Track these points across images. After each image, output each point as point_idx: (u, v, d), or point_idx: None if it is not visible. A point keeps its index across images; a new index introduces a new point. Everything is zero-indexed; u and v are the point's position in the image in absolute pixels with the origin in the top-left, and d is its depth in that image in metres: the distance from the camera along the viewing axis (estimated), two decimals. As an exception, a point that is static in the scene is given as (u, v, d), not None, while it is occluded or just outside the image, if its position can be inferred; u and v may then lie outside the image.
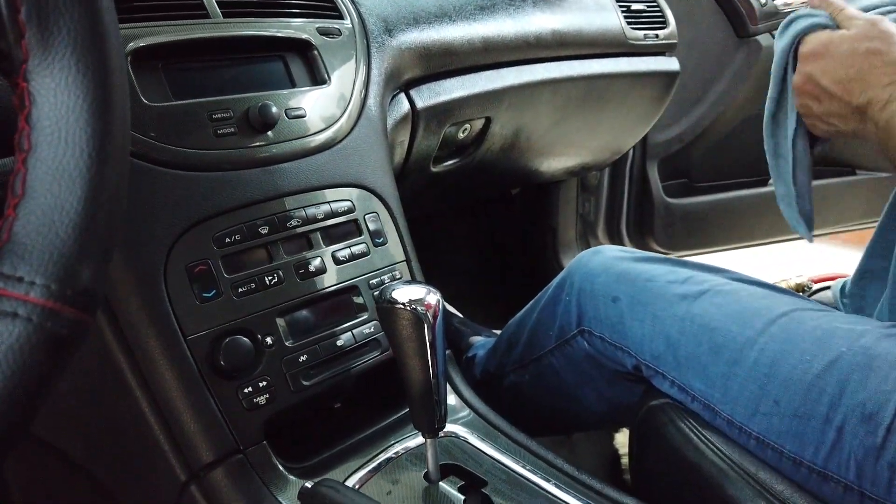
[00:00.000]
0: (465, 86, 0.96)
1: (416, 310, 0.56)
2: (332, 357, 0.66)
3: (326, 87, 0.72)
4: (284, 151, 0.67)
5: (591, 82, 1.16)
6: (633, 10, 1.23)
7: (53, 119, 0.27)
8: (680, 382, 0.65)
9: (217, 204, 0.61)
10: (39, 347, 0.26)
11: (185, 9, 0.65)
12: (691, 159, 1.74)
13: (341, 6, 0.78)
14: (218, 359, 0.58)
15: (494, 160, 1.17)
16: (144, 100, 0.60)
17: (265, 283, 0.63)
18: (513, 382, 0.86)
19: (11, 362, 0.25)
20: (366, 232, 0.72)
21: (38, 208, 0.27)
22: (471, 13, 0.96)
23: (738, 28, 1.59)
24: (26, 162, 0.27)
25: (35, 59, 0.28)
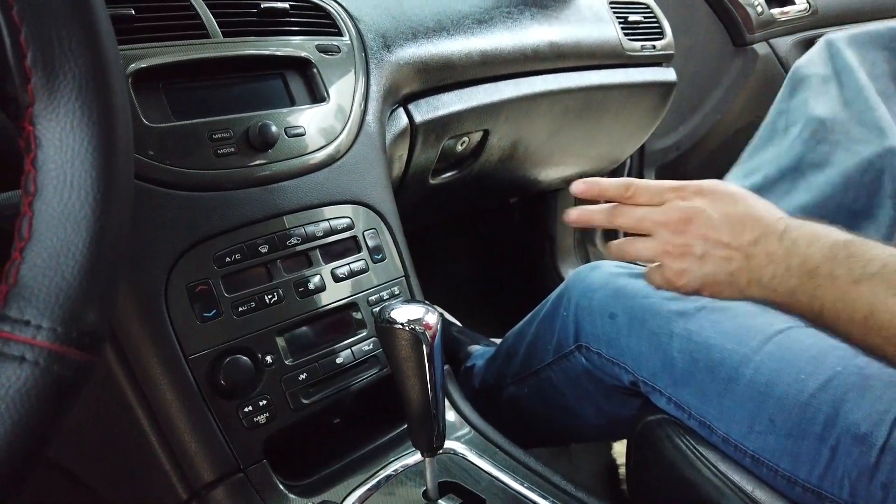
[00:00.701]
0: (463, 99, 0.96)
1: (414, 330, 0.57)
2: (332, 375, 0.66)
3: (326, 104, 0.73)
4: (284, 170, 0.67)
5: (589, 93, 1.17)
6: (630, 21, 1.24)
7: (59, 162, 0.28)
8: (676, 399, 0.66)
9: (217, 224, 0.62)
10: (46, 391, 0.26)
11: (186, 29, 0.65)
12: (689, 167, 1.74)
13: (340, 23, 0.79)
14: (218, 378, 0.59)
15: (493, 171, 1.17)
16: (145, 120, 0.60)
17: (265, 302, 0.63)
18: (512, 395, 0.87)
19: (19, 406, 0.26)
20: (365, 248, 0.72)
21: (44, 251, 0.27)
22: (469, 27, 0.96)
23: (735, 37, 1.61)
24: (32, 205, 0.28)
25: (41, 103, 0.28)
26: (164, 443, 0.58)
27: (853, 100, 0.69)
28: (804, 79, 0.74)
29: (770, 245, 0.54)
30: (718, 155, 1.75)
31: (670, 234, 0.59)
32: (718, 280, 0.57)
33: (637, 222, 0.61)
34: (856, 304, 0.48)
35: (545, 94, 1.09)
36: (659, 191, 0.61)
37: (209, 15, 0.67)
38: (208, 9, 0.67)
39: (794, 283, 0.52)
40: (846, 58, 0.73)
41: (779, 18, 1.62)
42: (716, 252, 0.57)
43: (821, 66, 0.75)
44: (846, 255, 0.50)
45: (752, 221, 0.56)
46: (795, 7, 1.64)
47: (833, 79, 0.73)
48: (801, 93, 0.73)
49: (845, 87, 0.71)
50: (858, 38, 0.76)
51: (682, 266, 0.58)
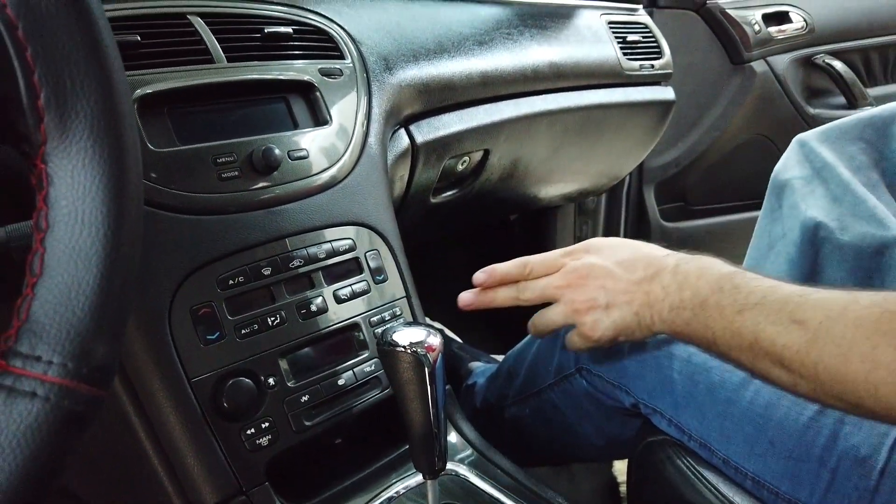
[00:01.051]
0: (463, 120, 0.97)
1: (416, 352, 0.57)
2: (334, 396, 0.66)
3: (328, 127, 0.74)
4: (287, 192, 0.68)
5: (588, 113, 1.18)
6: (629, 41, 1.25)
7: (70, 199, 0.28)
8: (677, 421, 0.66)
9: (221, 247, 0.62)
10: (57, 426, 0.27)
11: (190, 54, 0.66)
12: (687, 183, 1.75)
13: (342, 47, 0.80)
14: (221, 401, 0.59)
15: (493, 189, 1.18)
16: (150, 145, 0.61)
17: (268, 324, 0.64)
18: (513, 415, 0.87)
19: (30, 441, 0.26)
20: (367, 269, 0.73)
21: (55, 287, 0.28)
22: (469, 49, 0.97)
23: (733, 55, 1.62)
24: (44, 242, 0.28)
25: (53, 141, 0.29)
26: (166, 465, 0.59)
27: (842, 196, 0.70)
28: (786, 184, 0.76)
29: (664, 279, 0.59)
30: (717, 171, 1.76)
31: (574, 294, 0.64)
32: (627, 322, 0.61)
33: (542, 292, 0.67)
34: (741, 332, 0.52)
35: (545, 114, 1.10)
36: (553, 259, 0.67)
37: (213, 40, 0.68)
38: (213, 34, 0.68)
39: (688, 314, 0.56)
40: (823, 155, 0.75)
41: (776, 37, 1.63)
42: (618, 298, 0.61)
43: (799, 169, 0.76)
44: (731, 287, 0.54)
45: (642, 261, 0.61)
46: (792, 25, 1.66)
47: (815, 178, 0.74)
48: (788, 198, 0.74)
49: (830, 185, 0.72)
50: (830, 133, 0.77)
51: (592, 319, 0.63)
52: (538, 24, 1.11)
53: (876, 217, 0.67)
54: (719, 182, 1.77)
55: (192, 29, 0.67)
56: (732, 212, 1.77)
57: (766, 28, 1.62)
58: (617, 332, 0.62)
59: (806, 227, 0.70)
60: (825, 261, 0.71)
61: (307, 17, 0.79)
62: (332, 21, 0.82)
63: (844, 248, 0.67)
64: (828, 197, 0.71)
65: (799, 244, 0.70)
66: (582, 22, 1.20)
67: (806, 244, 0.70)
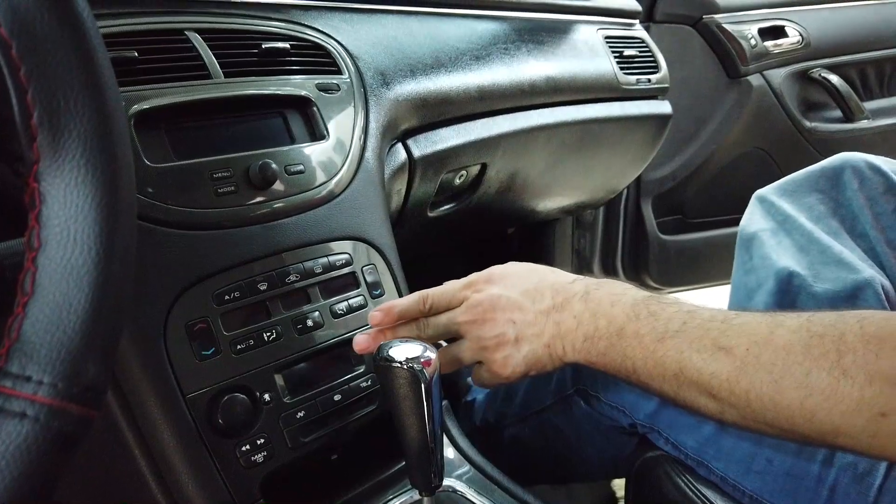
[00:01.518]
0: (460, 134, 0.98)
1: (412, 368, 0.57)
2: (330, 412, 0.66)
3: (325, 141, 0.74)
4: (284, 207, 0.68)
5: (586, 127, 1.18)
6: (626, 55, 1.25)
7: (63, 218, 0.28)
8: (674, 440, 0.66)
9: (217, 262, 0.62)
10: (46, 447, 0.26)
11: (188, 70, 0.66)
12: (685, 196, 1.76)
13: (340, 62, 0.80)
14: (216, 417, 0.59)
15: (491, 203, 1.18)
16: (147, 161, 0.61)
17: (263, 340, 0.63)
18: (512, 435, 0.87)
19: (19, 462, 0.26)
20: (363, 284, 0.73)
21: (46, 306, 0.28)
22: (466, 63, 0.98)
23: (729, 69, 1.63)
24: (36, 260, 0.28)
25: (46, 160, 0.29)
26: (160, 482, 0.58)
27: (808, 245, 0.71)
28: (754, 237, 0.76)
29: (575, 308, 0.56)
30: (714, 184, 1.76)
31: (480, 330, 0.60)
32: (539, 356, 0.58)
33: (445, 329, 0.63)
34: (665, 362, 0.50)
35: (542, 128, 1.10)
36: (453, 293, 0.64)
37: (211, 56, 0.68)
38: (210, 50, 0.69)
39: (604, 344, 0.54)
40: (782, 209, 0.75)
41: (772, 51, 1.64)
42: (527, 330, 0.58)
43: (764, 222, 0.76)
44: (647, 314, 0.52)
45: (549, 289, 0.58)
46: (788, 40, 1.67)
47: (780, 230, 0.74)
48: (758, 249, 0.74)
49: (795, 235, 0.72)
50: (787, 187, 0.78)
51: (502, 355, 0.60)
52: (535, 38, 1.11)
53: (844, 262, 0.67)
54: (717, 195, 1.78)
55: (190, 45, 0.68)
56: (730, 225, 1.77)
57: (762, 42, 1.63)
58: (528, 368, 0.60)
59: (780, 278, 0.69)
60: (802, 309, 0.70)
61: (304, 33, 0.79)
62: (329, 36, 0.82)
63: (818, 296, 0.66)
64: (795, 247, 0.71)
65: (775, 293, 0.69)
66: (579, 37, 1.21)
67: (782, 293, 0.69)
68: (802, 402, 0.43)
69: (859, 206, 0.72)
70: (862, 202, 0.71)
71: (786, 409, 0.44)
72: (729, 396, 0.47)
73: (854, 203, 0.72)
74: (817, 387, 0.42)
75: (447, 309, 0.63)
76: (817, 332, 0.44)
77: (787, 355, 0.44)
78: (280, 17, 0.78)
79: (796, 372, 0.43)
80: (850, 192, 0.73)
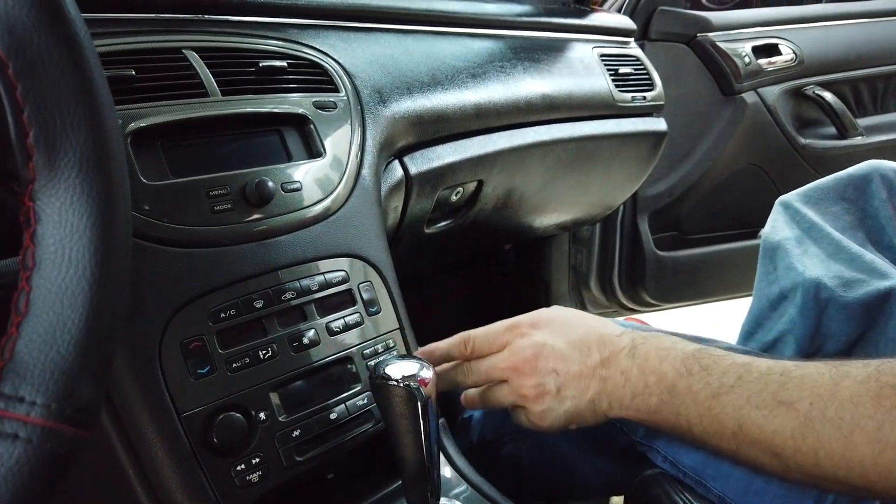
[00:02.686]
0: (457, 151, 0.98)
1: (409, 386, 0.57)
2: (326, 431, 0.65)
3: (322, 159, 0.74)
4: (280, 224, 0.68)
5: (581, 144, 1.19)
6: (621, 73, 1.26)
7: (58, 237, 0.28)
8: (673, 459, 0.65)
9: (213, 280, 0.62)
10: (39, 468, 0.26)
11: (185, 88, 0.66)
12: (681, 213, 1.76)
13: (337, 80, 0.81)
14: (211, 436, 0.58)
15: (487, 219, 1.18)
16: (143, 178, 0.61)
17: (259, 358, 0.63)
18: (510, 453, 0.86)
19: (11, 484, 0.25)
20: (360, 301, 0.73)
21: (40, 326, 0.27)
22: (463, 81, 0.98)
23: (724, 86, 1.64)
24: (30, 280, 0.28)
25: (41, 179, 0.29)
26: (154, 502, 0.58)
27: (835, 253, 0.69)
28: (778, 246, 0.74)
29: (622, 363, 0.54)
30: (710, 201, 1.77)
31: (522, 379, 0.58)
32: (581, 411, 0.56)
33: (486, 376, 0.61)
34: (722, 420, 0.47)
35: (538, 145, 1.11)
36: (496, 335, 0.61)
37: (208, 74, 0.68)
38: (208, 68, 0.69)
39: (655, 401, 0.51)
40: (808, 217, 0.74)
41: (766, 68, 1.66)
42: (570, 384, 0.56)
43: (787, 230, 0.75)
44: (700, 369, 0.50)
45: (596, 342, 0.56)
46: (782, 57, 1.68)
47: (806, 238, 0.73)
48: (783, 259, 0.72)
49: (821, 244, 0.71)
50: (812, 194, 0.77)
51: (542, 408, 0.58)
52: (531, 56, 1.12)
53: (875, 269, 0.66)
54: (713, 211, 1.78)
55: (188, 63, 0.68)
56: (726, 241, 1.78)
57: (755, 60, 1.65)
58: (568, 422, 0.58)
59: (807, 289, 0.67)
60: (830, 320, 0.69)
61: (302, 51, 0.79)
62: (326, 55, 0.82)
63: (850, 305, 0.65)
64: (822, 255, 0.70)
65: (801, 305, 0.68)
66: (574, 55, 1.22)
67: (808, 305, 0.67)
68: (876, 457, 0.40)
69: (887, 216, 0.70)
70: (891, 212, 0.70)
71: (858, 467, 0.41)
72: (794, 454, 0.44)
73: (882, 213, 0.71)
74: (891, 440, 0.40)
75: (489, 352, 0.62)
76: (888, 381, 0.42)
77: (855, 408, 0.42)
78: (277, 35, 0.79)
79: (867, 426, 0.41)
80: (878, 201, 0.71)
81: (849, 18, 1.81)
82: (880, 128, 1.79)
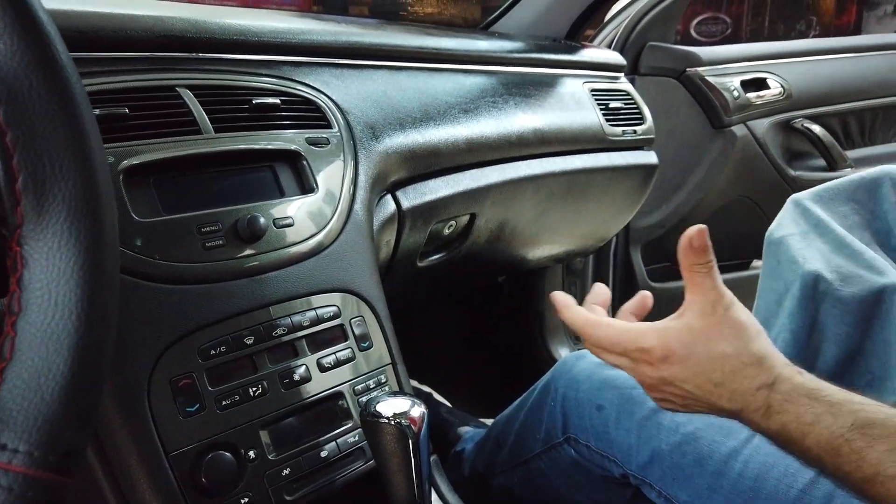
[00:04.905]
0: (449, 185, 0.99)
1: (400, 424, 0.57)
2: (316, 469, 0.65)
3: (314, 194, 0.74)
4: (272, 260, 0.68)
5: (573, 177, 1.20)
6: (612, 107, 1.28)
7: (44, 282, 0.28)
8: (667, 494, 0.65)
9: (204, 317, 0.62)
10: (19, 517, 0.26)
11: (178, 126, 0.67)
12: (674, 244, 1.76)
13: (329, 116, 0.81)
14: (199, 476, 0.58)
15: (480, 252, 1.19)
16: (134, 216, 0.61)
17: (249, 395, 0.63)
18: (501, 484, 0.85)
19: (-10, 534, 0.25)
20: (351, 336, 0.72)
21: (24, 372, 0.27)
22: (455, 116, 0.99)
23: (714, 119, 1.66)
24: (15, 325, 0.28)
25: (29, 224, 0.29)
26: (140, 545, 0.57)
27: (838, 248, 0.70)
28: (781, 241, 0.75)
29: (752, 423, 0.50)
30: (702, 232, 1.77)
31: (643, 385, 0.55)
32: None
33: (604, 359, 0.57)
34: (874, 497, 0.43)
35: (530, 179, 1.11)
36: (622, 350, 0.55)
37: (202, 112, 0.69)
38: (201, 105, 0.69)
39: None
40: (817, 214, 0.75)
41: (755, 102, 1.68)
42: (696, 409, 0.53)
43: (794, 226, 0.76)
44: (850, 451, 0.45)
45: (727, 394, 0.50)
46: (770, 91, 1.71)
47: (812, 232, 0.74)
48: (786, 253, 0.73)
49: (827, 238, 0.72)
50: (823, 194, 0.78)
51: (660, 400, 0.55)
52: (522, 92, 1.14)
53: (875, 266, 0.67)
54: (704, 243, 1.79)
55: (181, 101, 0.68)
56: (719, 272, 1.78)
57: (744, 94, 1.67)
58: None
59: (805, 282, 0.69)
60: (826, 315, 0.70)
61: (295, 88, 0.80)
62: (319, 91, 0.83)
63: (845, 300, 0.65)
64: (825, 249, 0.71)
65: (799, 298, 0.69)
66: (565, 90, 1.23)
67: (806, 298, 0.68)
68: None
69: (895, 219, 0.71)
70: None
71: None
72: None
73: (890, 216, 0.71)
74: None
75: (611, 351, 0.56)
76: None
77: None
78: (271, 73, 0.80)
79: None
80: (888, 204, 0.72)
81: (835, 53, 1.84)
82: (869, 159, 1.81)
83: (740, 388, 0.50)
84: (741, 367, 0.50)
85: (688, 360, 0.51)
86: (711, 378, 0.51)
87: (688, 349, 0.52)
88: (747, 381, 0.50)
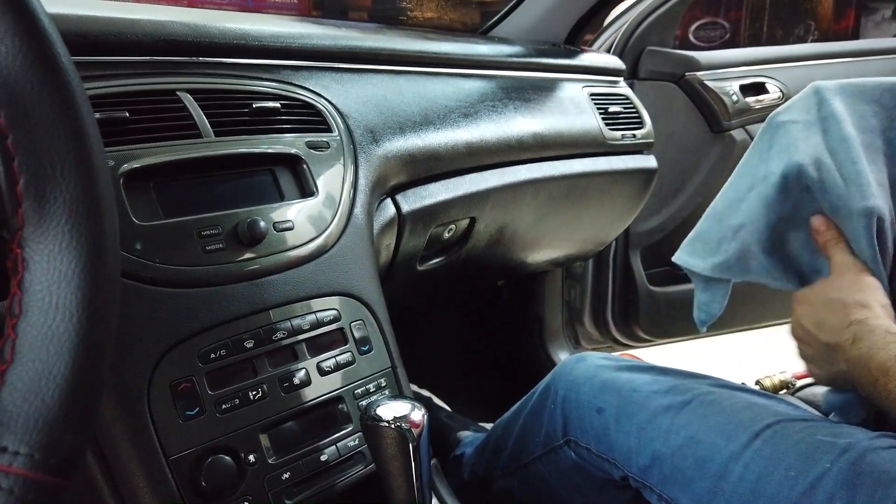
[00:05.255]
0: (449, 189, 0.99)
1: (400, 427, 0.57)
2: (316, 473, 0.65)
3: (314, 198, 0.74)
4: (272, 264, 0.68)
5: (572, 181, 1.20)
6: (611, 112, 1.28)
7: (45, 284, 0.28)
8: (667, 497, 0.65)
9: (204, 320, 0.62)
10: (19, 520, 0.26)
11: (179, 129, 0.67)
12: (673, 248, 1.76)
13: (330, 120, 0.81)
14: (199, 480, 0.58)
15: (480, 256, 1.19)
16: (135, 219, 0.61)
17: (249, 399, 0.63)
18: (501, 488, 0.85)
19: (-10, 537, 0.25)
20: (351, 340, 0.72)
21: (25, 375, 0.27)
22: (454, 120, 1.00)
23: (713, 124, 1.66)
24: (16, 328, 0.28)
25: (30, 226, 0.29)
26: (140, 549, 0.57)
27: (836, 149, 0.69)
28: (782, 125, 0.74)
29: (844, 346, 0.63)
30: (702, 236, 1.77)
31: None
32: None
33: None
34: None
35: (530, 182, 1.11)
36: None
37: (202, 115, 0.69)
38: (201, 109, 0.69)
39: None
40: (833, 106, 0.73)
41: (754, 106, 1.68)
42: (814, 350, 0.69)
43: (804, 113, 0.74)
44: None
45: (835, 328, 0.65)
46: (769, 95, 1.71)
47: (816, 125, 0.72)
48: (781, 139, 0.72)
49: (829, 135, 0.70)
50: (847, 88, 0.75)
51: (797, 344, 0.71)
52: (522, 96, 1.14)
53: (858, 182, 0.66)
54: (704, 247, 1.79)
55: (181, 105, 0.69)
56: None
57: (743, 98, 1.67)
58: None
59: (787, 173, 0.69)
60: (797, 210, 0.71)
61: (295, 93, 0.80)
62: (319, 95, 0.83)
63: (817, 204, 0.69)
64: (821, 146, 0.69)
65: (778, 186, 0.69)
66: (564, 94, 1.23)
67: (786, 189, 0.69)
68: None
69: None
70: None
71: None
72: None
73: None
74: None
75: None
76: None
77: None
78: (271, 77, 0.80)
79: None
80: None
81: (833, 58, 1.85)
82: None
83: (837, 324, 0.64)
84: (843, 307, 0.65)
85: (806, 304, 0.70)
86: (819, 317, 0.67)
87: (808, 297, 0.71)
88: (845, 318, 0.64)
